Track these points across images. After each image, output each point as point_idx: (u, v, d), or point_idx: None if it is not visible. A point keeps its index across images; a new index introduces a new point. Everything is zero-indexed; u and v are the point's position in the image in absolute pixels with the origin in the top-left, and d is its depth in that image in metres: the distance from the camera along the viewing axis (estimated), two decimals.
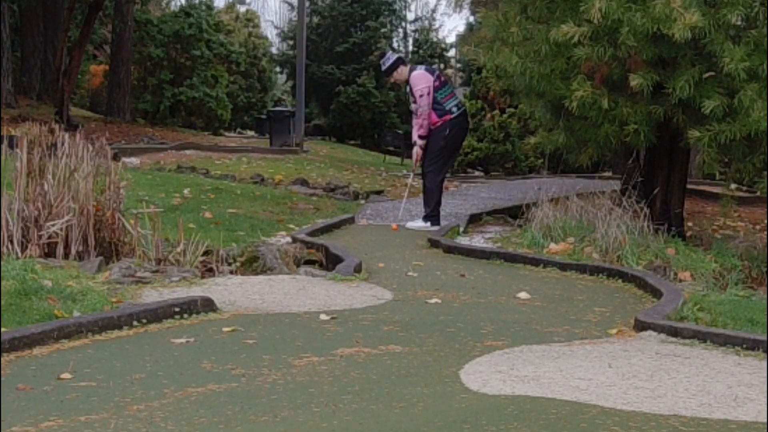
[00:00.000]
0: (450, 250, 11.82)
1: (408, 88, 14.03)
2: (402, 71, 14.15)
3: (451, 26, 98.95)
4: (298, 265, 10.53)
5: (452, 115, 13.90)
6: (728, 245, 13.37)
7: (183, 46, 34.43)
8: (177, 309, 7.23)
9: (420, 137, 13.88)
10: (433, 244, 12.23)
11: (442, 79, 14.27)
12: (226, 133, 36.16)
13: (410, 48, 43.10)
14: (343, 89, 37.98)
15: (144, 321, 6.92)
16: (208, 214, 13.61)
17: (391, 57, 14.52)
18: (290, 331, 6.74)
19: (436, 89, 13.83)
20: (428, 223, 13.96)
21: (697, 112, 12.45)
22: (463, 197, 18.74)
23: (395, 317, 7.39)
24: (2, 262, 8.72)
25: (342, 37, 39.94)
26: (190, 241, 9.84)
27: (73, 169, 9.83)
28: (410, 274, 9.82)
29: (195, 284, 8.59)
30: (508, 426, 4.17)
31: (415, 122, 14.02)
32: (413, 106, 13.95)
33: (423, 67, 14.48)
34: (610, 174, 23.89)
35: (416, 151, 14.20)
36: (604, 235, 11.62)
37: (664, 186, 14.39)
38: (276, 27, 49.48)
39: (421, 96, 13.64)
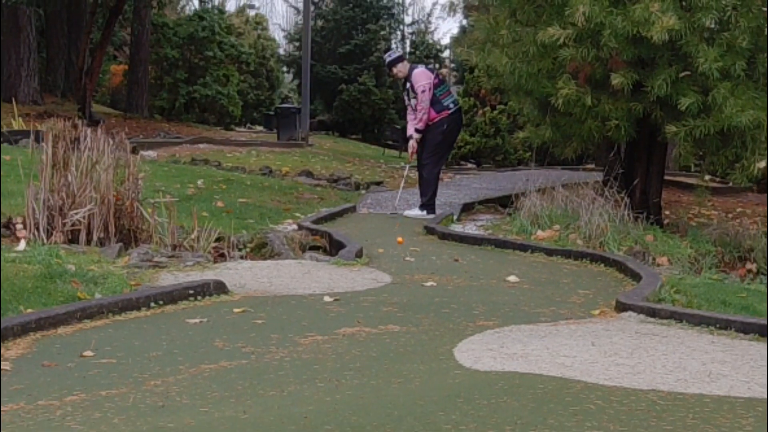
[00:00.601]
0: (444, 236, 11.82)
1: (408, 84, 14.03)
2: (403, 67, 14.21)
3: (446, 29, 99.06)
4: (303, 251, 10.52)
5: (449, 111, 13.95)
6: (703, 232, 13.36)
7: (197, 48, 34.40)
8: (191, 291, 7.23)
9: (417, 131, 13.90)
10: (429, 231, 12.23)
11: (440, 77, 14.29)
12: (237, 128, 36.11)
13: (408, 49, 43.00)
14: (346, 87, 37.95)
15: (160, 302, 6.92)
16: (220, 204, 13.60)
17: (394, 53, 14.66)
18: (296, 312, 6.74)
19: (434, 86, 13.86)
20: (424, 212, 13.98)
21: (673, 109, 12.45)
22: (456, 188, 18.73)
23: (394, 299, 7.39)
24: (29, 248, 8.72)
25: (344, 39, 39.89)
26: (204, 228, 9.84)
27: (95, 161, 9.82)
28: (408, 259, 9.82)
29: (208, 268, 8.58)
30: (499, 400, 4.17)
31: (412, 117, 14.03)
32: (412, 102, 13.95)
33: (423, 66, 14.48)
34: (593, 166, 23.86)
35: (412, 144, 14.23)
36: (588, 222, 11.62)
37: (643, 177, 14.39)
38: (283, 30, 49.39)
39: (423, 92, 13.67)
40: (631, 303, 6.89)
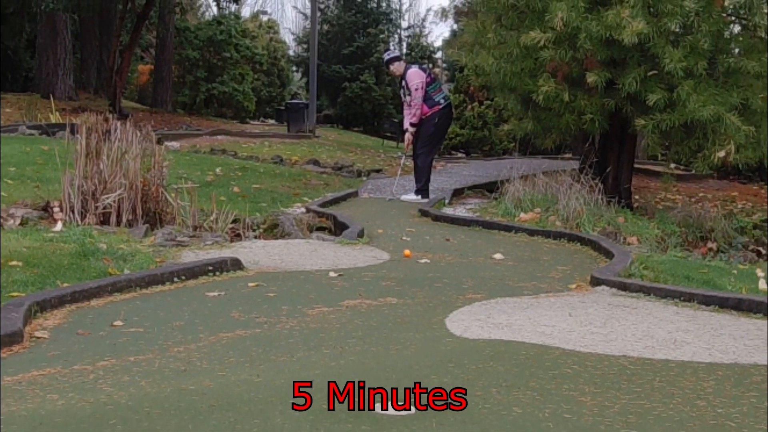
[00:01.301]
0: (437, 218, 11.82)
1: (403, 82, 14.06)
2: (398, 66, 14.26)
3: (438, 32, 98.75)
4: (311, 231, 10.51)
5: (440, 106, 13.99)
6: (668, 215, 13.38)
7: (215, 49, 34.37)
8: (210, 268, 7.23)
9: (411, 125, 13.96)
10: (423, 213, 12.23)
11: (432, 76, 14.29)
12: (251, 122, 36.07)
13: (404, 50, 42.94)
14: (349, 85, 37.90)
15: (183, 278, 6.92)
16: (236, 189, 13.58)
17: (391, 53, 14.72)
18: (304, 286, 6.73)
19: (427, 84, 13.90)
20: (419, 196, 14.01)
21: (642, 104, 12.46)
22: (448, 175, 18.72)
23: (392, 274, 7.38)
24: (65, 229, 8.71)
25: (347, 41, 39.82)
26: (221, 211, 9.83)
27: (124, 151, 9.81)
28: (404, 238, 9.81)
29: (225, 247, 8.58)
30: (486, 365, 4.16)
31: (408, 112, 14.07)
32: (407, 98, 13.99)
33: (417, 66, 14.49)
34: (570, 155, 23.84)
35: (408, 136, 14.29)
36: (566, 206, 11.62)
37: (615, 165, 14.39)
38: (292, 33, 49.27)
39: (416, 89, 13.74)
40: (604, 278, 6.88)
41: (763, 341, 4.81)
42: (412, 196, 14.08)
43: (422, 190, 14.15)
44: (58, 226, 8.99)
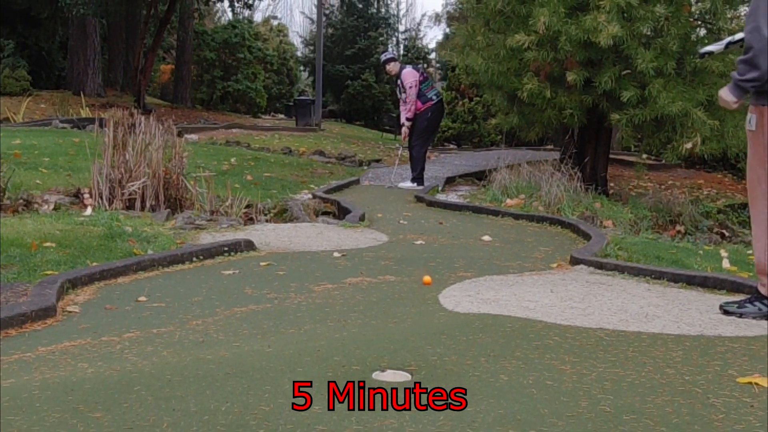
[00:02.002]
0: (431, 204, 11.81)
1: (398, 81, 14.11)
2: (394, 66, 14.34)
3: (432, 36, 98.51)
4: (317, 216, 10.51)
5: (432, 102, 14.05)
6: (641, 200, 13.39)
7: (230, 51, 34.33)
8: (226, 248, 7.22)
9: (407, 119, 14.01)
10: (419, 199, 12.23)
11: (424, 75, 14.30)
12: (263, 116, 36.00)
13: (401, 52, 42.85)
14: (351, 83, 37.83)
15: (201, 257, 6.91)
16: (249, 177, 13.57)
17: (387, 54, 14.79)
18: (311, 265, 6.72)
19: (420, 83, 13.94)
20: (415, 184, 14.04)
21: (617, 101, 12.47)
22: (441, 164, 18.71)
23: (390, 254, 7.37)
24: (94, 214, 8.70)
25: (350, 43, 39.71)
26: (236, 197, 9.82)
27: (147, 143, 9.80)
28: (401, 222, 9.80)
29: (239, 230, 8.57)
30: (475, 336, 4.15)
31: (403, 108, 14.11)
32: (402, 96, 14.04)
33: (411, 66, 14.49)
34: (551, 147, 23.86)
35: (404, 130, 14.34)
36: (548, 192, 11.62)
37: (592, 156, 14.40)
38: (300, 36, 49.12)
39: (410, 87, 13.83)
40: (582, 258, 6.88)
41: (727, 315, 4.81)
42: (408, 184, 14.10)
43: (418, 178, 14.19)
44: (88, 210, 8.99)
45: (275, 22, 47.74)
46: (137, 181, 9.56)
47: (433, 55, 43.81)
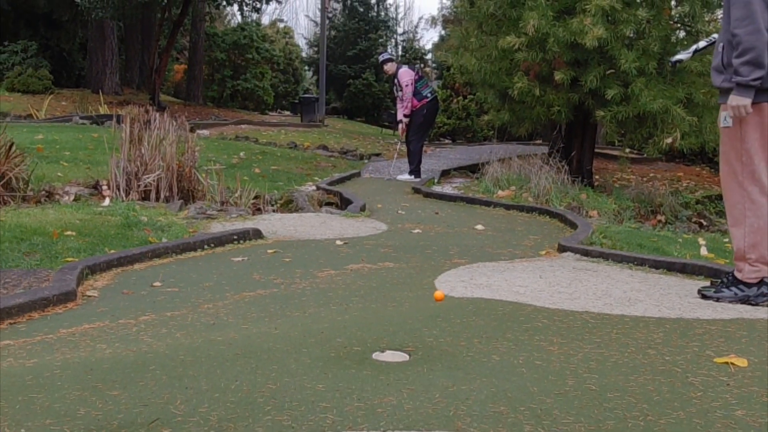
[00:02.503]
0: (428, 195, 11.81)
1: (395, 80, 14.12)
2: (391, 66, 14.34)
3: (429, 37, 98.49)
4: (320, 206, 10.50)
5: (427, 99, 14.07)
6: (624, 192, 13.39)
7: (239, 52, 34.32)
8: (235, 237, 7.22)
9: (405, 116, 14.03)
10: (416, 191, 12.23)
11: (420, 74, 14.31)
12: (270, 113, 36.01)
13: (400, 52, 42.81)
14: (353, 82, 37.84)
15: (212, 245, 6.91)
16: (257, 170, 13.56)
17: (385, 55, 14.78)
18: (315, 252, 6.72)
19: (415, 81, 13.97)
20: (412, 176, 14.05)
21: (602, 98, 12.46)
22: (437, 158, 18.71)
23: (389, 242, 7.37)
24: (112, 204, 8.69)
25: (352, 45, 39.70)
26: (245, 189, 9.82)
27: (162, 138, 9.78)
28: (400, 212, 9.80)
29: (248, 219, 8.56)
30: (469, 319, 4.15)
31: (400, 105, 14.15)
32: (399, 94, 14.07)
33: (407, 66, 14.49)
34: (540, 141, 23.86)
35: (401, 126, 14.36)
36: (537, 184, 11.62)
37: (578, 150, 14.39)
38: (305, 38, 49.11)
39: (406, 86, 13.86)
40: (569, 245, 6.87)
41: (705, 299, 4.81)
42: (406, 176, 14.10)
43: (415, 171, 14.20)
44: (106, 201, 8.98)
45: (281, 25, 47.69)
46: (152, 174, 9.55)
47: (429, 56, 43.80)
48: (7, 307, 4.42)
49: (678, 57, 5.63)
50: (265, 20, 48.52)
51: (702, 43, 5.32)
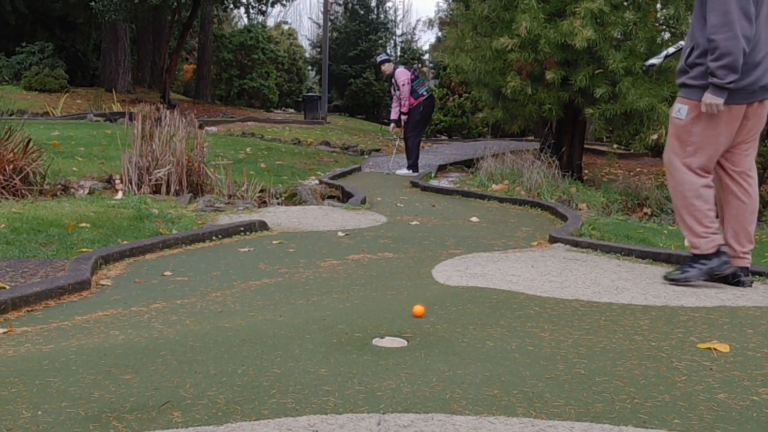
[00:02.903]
0: (425, 189, 11.80)
1: (392, 80, 14.15)
2: (388, 66, 14.34)
3: (426, 39, 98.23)
4: (323, 199, 10.50)
5: (424, 98, 14.08)
6: (612, 186, 13.39)
7: (246, 52, 34.27)
8: (242, 228, 7.21)
9: (402, 113, 14.04)
10: (414, 185, 12.22)
11: (416, 74, 14.30)
12: (275, 111, 35.97)
13: (398, 53, 42.75)
14: (354, 81, 37.79)
15: (220, 236, 6.90)
16: (262, 165, 13.55)
17: (383, 56, 14.79)
18: (318, 243, 6.71)
19: (412, 80, 13.96)
20: (411, 171, 14.06)
21: (591, 97, 12.46)
22: (434, 153, 18.70)
23: (388, 234, 7.36)
24: (124, 197, 8.69)
25: (353, 46, 39.62)
26: (251, 183, 9.82)
27: (172, 134, 9.78)
28: (399, 205, 9.79)
29: (254, 212, 8.55)
30: (464, 306, 4.15)
31: (395, 104, 14.25)
32: (396, 93, 14.10)
33: (403, 66, 14.48)
34: (532, 138, 23.83)
35: (392, 126, 14.60)
36: (529, 178, 11.61)
37: (568, 146, 14.39)
38: (308, 39, 49.01)
39: (403, 85, 13.89)
40: (560, 237, 6.87)
41: (689, 288, 4.80)
42: (404, 171, 14.11)
43: (413, 165, 14.20)
44: (119, 195, 8.97)
45: (286, 27, 47.65)
46: (163, 169, 9.54)
47: (426, 56, 43.74)
48: (24, 295, 4.42)
49: (651, 61, 5.80)
50: (271, 22, 48.48)
51: (671, 49, 5.49)
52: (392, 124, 14.50)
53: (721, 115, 4.71)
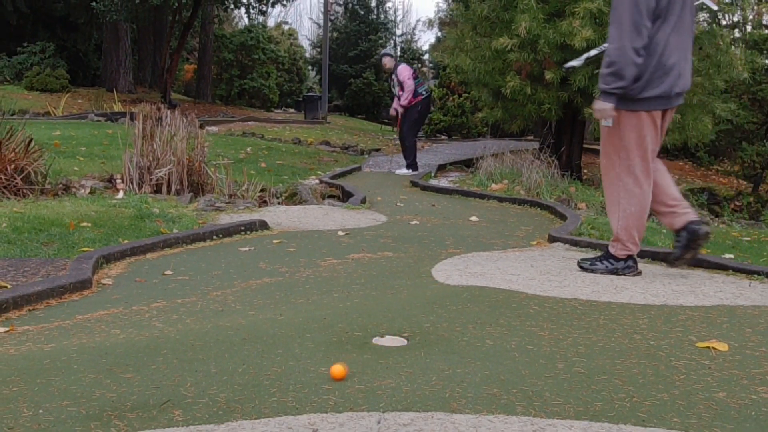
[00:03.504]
0: (425, 188, 11.81)
1: (393, 76, 14.18)
2: (389, 61, 14.39)
3: (426, 39, 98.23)
4: (323, 199, 10.50)
5: (422, 97, 14.14)
6: None
7: (246, 52, 34.26)
8: (242, 228, 7.21)
9: (401, 106, 14.07)
10: (414, 184, 12.22)
11: (415, 73, 14.34)
12: (275, 110, 35.98)
13: (399, 53, 42.77)
14: (354, 81, 37.81)
15: (220, 236, 6.91)
16: (263, 164, 13.55)
17: (387, 50, 14.82)
18: (318, 243, 6.71)
19: (414, 78, 14.01)
20: (410, 170, 14.08)
21: (590, 96, 12.44)
22: (433, 153, 18.69)
23: (388, 233, 7.36)
24: (125, 197, 8.69)
25: (353, 46, 39.64)
26: (251, 182, 9.82)
27: (173, 134, 9.78)
28: (398, 204, 9.79)
29: (254, 211, 8.55)
30: (464, 306, 4.14)
31: (396, 102, 14.18)
32: (395, 89, 14.14)
33: (404, 63, 14.52)
34: (532, 137, 23.82)
35: (392, 110, 14.56)
36: (528, 178, 11.61)
37: (567, 145, 14.39)
38: (308, 39, 49.04)
39: (408, 79, 13.96)
40: (559, 236, 6.87)
41: (687, 287, 4.80)
42: (404, 170, 14.12)
43: (411, 165, 14.23)
44: (120, 194, 8.97)
45: (286, 27, 47.67)
46: (164, 168, 9.54)
47: (426, 56, 43.76)
48: (26, 295, 4.42)
49: (571, 63, 5.95)
50: (271, 23, 48.51)
51: (593, 52, 5.65)
52: (393, 110, 14.49)
53: (643, 121, 4.97)
